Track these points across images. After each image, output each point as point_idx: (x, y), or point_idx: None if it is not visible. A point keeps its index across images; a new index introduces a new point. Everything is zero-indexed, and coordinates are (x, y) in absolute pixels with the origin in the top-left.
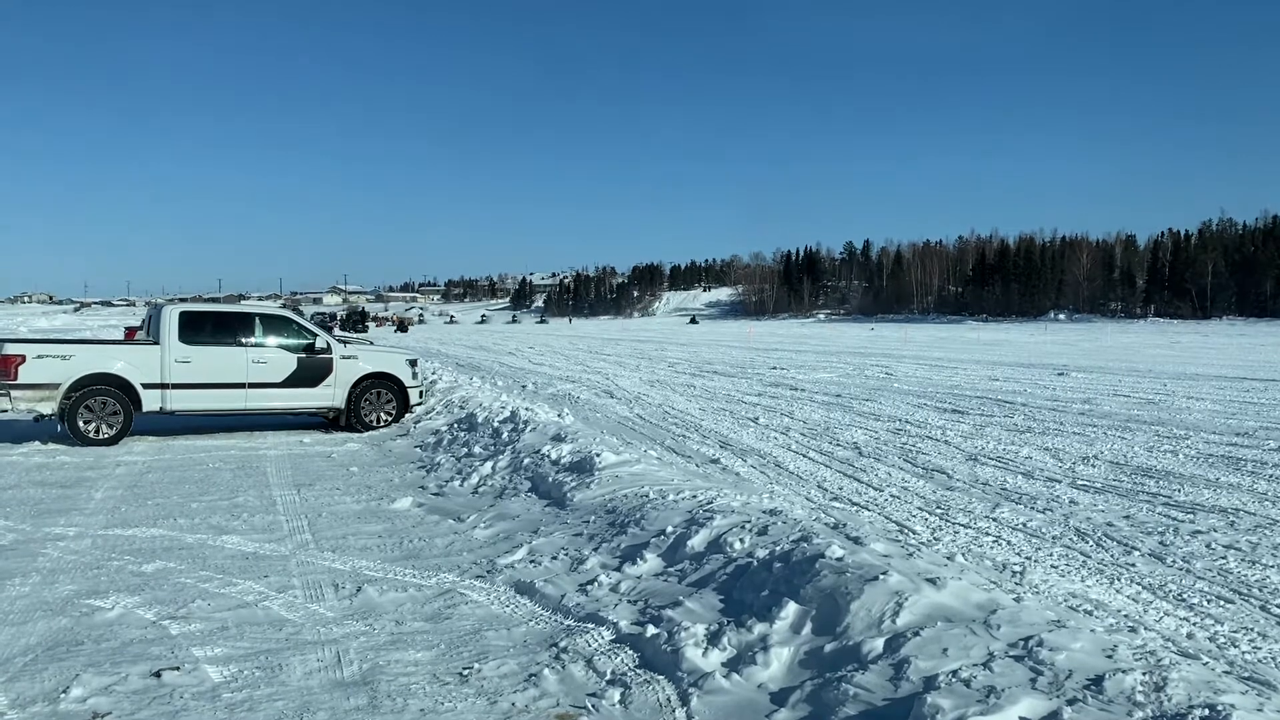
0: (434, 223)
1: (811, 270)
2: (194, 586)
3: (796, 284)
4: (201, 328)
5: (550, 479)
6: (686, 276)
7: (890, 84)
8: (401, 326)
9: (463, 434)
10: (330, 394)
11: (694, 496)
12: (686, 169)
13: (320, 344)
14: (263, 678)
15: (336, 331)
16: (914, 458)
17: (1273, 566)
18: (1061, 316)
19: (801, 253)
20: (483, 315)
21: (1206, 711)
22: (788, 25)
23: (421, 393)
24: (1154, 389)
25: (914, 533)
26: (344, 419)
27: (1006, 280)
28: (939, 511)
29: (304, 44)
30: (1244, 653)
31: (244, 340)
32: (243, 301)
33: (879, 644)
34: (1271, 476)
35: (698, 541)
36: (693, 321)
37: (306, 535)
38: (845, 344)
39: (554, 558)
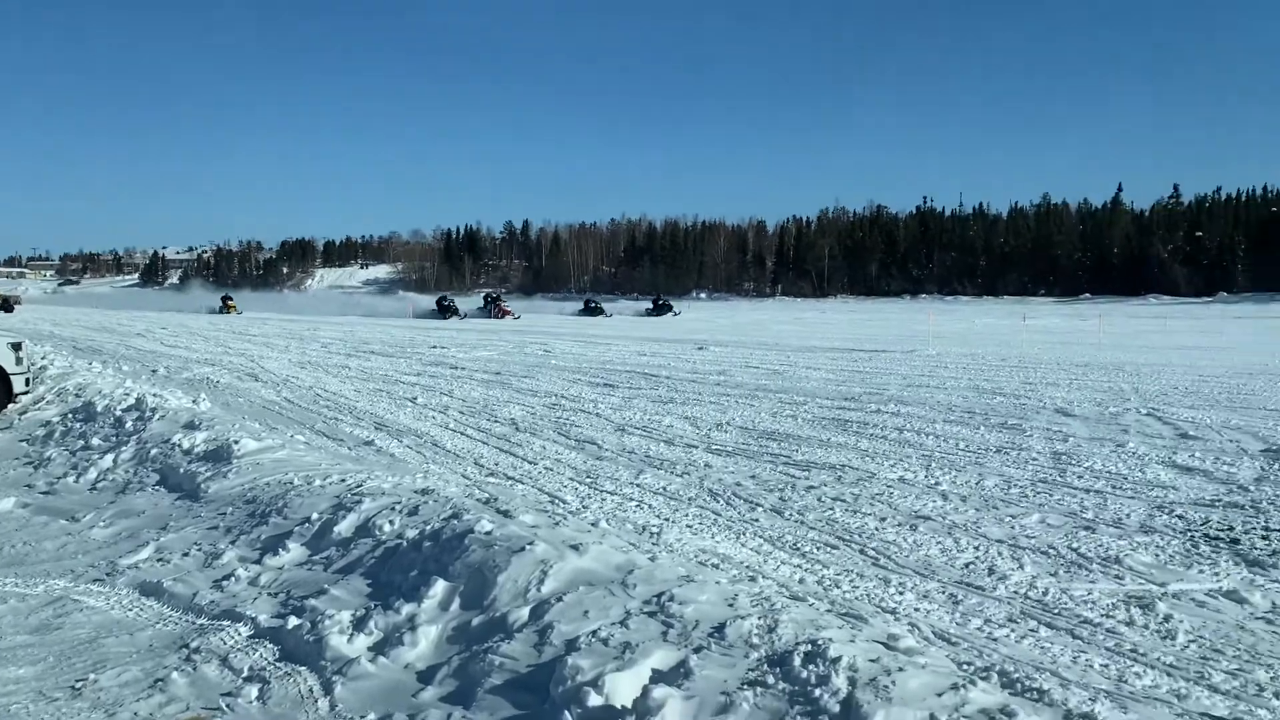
0: (45, 192)
1: (473, 249)
2: None
3: (458, 262)
4: None
5: (182, 470)
6: (341, 253)
7: (545, 75)
8: (6, 306)
9: (79, 425)
10: None
11: (342, 480)
12: (335, 147)
13: None
14: None
15: None
16: (568, 430)
17: (870, 515)
18: (703, 295)
19: (463, 231)
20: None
21: (809, 646)
22: (414, 10)
23: (28, 380)
24: (779, 361)
25: (564, 502)
26: None
27: (655, 261)
28: (588, 480)
29: None
30: (844, 592)
31: None
32: None
33: (524, 613)
34: (872, 435)
35: (345, 527)
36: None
37: None
38: (504, 323)
39: (185, 554)
